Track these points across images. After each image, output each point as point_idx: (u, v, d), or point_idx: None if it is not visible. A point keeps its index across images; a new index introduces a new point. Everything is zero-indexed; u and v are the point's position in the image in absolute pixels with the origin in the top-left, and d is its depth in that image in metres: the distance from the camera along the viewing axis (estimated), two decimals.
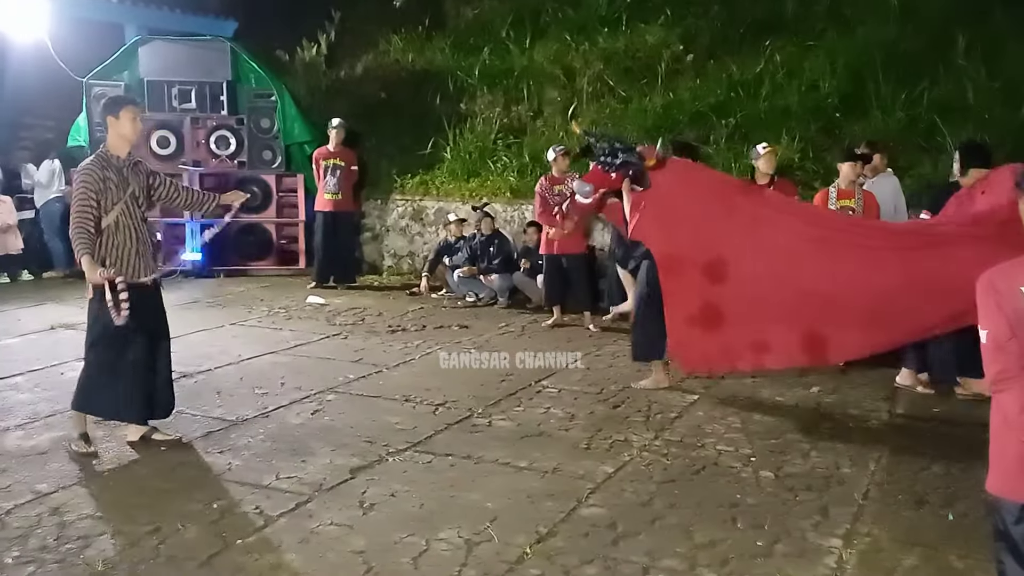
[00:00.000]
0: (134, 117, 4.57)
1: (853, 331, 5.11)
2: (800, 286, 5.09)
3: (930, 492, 4.19)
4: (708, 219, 5.33)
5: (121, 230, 4.50)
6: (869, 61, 9.31)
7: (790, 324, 5.15)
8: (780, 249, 5.17)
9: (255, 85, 10.76)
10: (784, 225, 5.28)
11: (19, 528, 3.68)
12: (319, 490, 4.13)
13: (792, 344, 5.21)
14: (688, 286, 5.33)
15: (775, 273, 5.13)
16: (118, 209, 4.47)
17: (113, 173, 4.48)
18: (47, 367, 6.26)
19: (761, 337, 5.24)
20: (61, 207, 10.35)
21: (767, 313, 5.17)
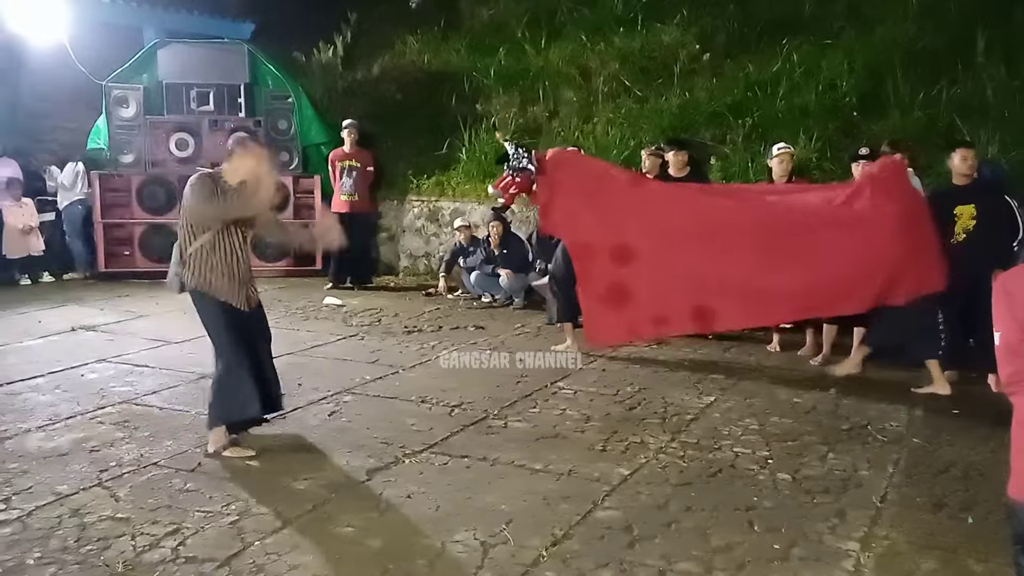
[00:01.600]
0: (259, 160, 4.63)
1: (736, 303, 5.96)
2: (689, 264, 5.93)
3: (949, 495, 4.16)
4: (606, 208, 6.12)
5: (216, 252, 4.52)
6: (888, 60, 9.25)
7: (683, 298, 6.01)
8: (671, 232, 6.00)
9: (272, 87, 10.83)
10: (672, 209, 6.12)
11: (40, 529, 3.73)
12: (336, 491, 4.15)
13: (685, 315, 6.10)
14: (597, 269, 6.16)
15: (668, 254, 5.97)
16: (215, 230, 4.50)
17: (219, 193, 4.51)
18: (68, 368, 6.32)
19: (660, 311, 6.11)
20: (83, 209, 10.49)
21: (664, 289, 6.02)
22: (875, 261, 5.67)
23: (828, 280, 5.79)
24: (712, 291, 5.95)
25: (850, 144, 8.62)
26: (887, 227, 5.66)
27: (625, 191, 6.25)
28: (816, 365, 6.60)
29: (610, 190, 6.24)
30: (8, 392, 5.76)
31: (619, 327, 6.28)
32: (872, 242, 5.67)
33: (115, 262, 10.44)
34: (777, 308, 6.07)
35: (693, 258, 5.94)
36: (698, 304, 6.03)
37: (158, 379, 6.08)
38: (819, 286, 5.82)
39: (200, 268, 4.52)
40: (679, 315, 6.12)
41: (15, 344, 7.11)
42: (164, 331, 7.56)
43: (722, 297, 5.96)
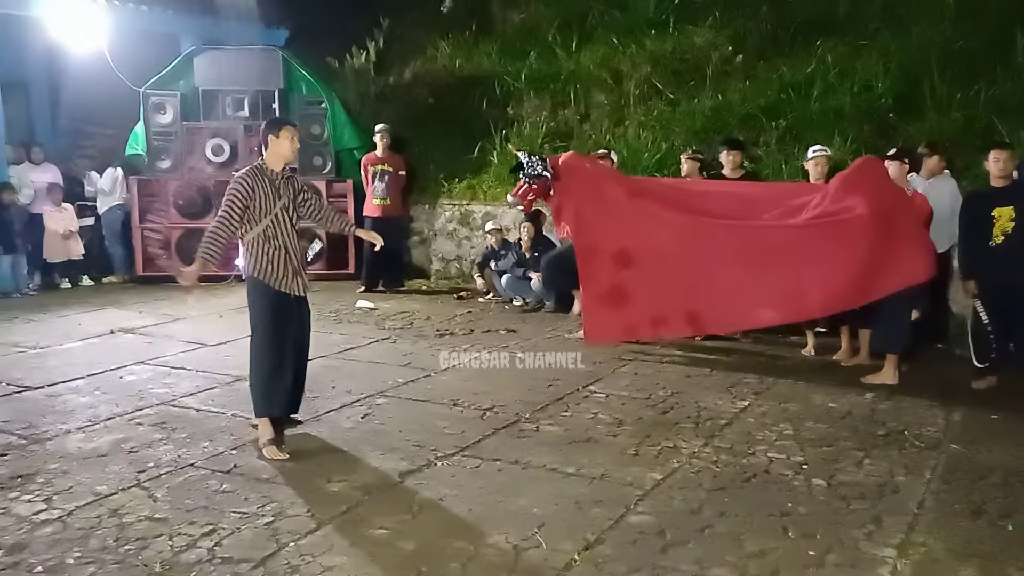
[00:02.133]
0: (292, 136, 4.85)
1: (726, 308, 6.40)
2: (684, 269, 6.37)
3: (988, 502, 4.10)
4: (611, 212, 6.57)
5: (270, 240, 4.71)
6: (924, 61, 9.11)
7: (678, 302, 6.43)
8: (668, 239, 6.44)
9: (306, 92, 10.94)
10: (671, 218, 6.48)
11: (80, 529, 3.80)
12: (369, 493, 4.18)
13: (680, 318, 6.51)
14: (600, 271, 6.62)
15: (667, 260, 6.42)
16: (268, 220, 4.69)
17: (266, 185, 4.71)
18: (107, 371, 6.43)
19: (657, 313, 6.54)
20: (122, 214, 10.66)
21: (661, 293, 6.43)
22: (856, 259, 5.96)
23: (814, 282, 6.11)
24: (704, 296, 6.40)
25: (886, 146, 8.51)
26: (863, 225, 5.94)
27: (629, 197, 6.65)
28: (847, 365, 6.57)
29: (615, 195, 6.68)
30: (49, 394, 5.87)
31: (617, 326, 6.75)
32: (852, 241, 5.95)
33: (153, 266, 10.60)
34: (765, 312, 6.40)
35: (688, 264, 6.40)
36: (691, 309, 6.49)
37: (195, 381, 6.16)
38: (806, 288, 6.15)
39: (257, 256, 4.70)
40: (674, 318, 6.57)
41: (56, 347, 7.25)
42: (200, 334, 7.66)
43: (714, 302, 6.41)
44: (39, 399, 5.76)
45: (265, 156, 4.84)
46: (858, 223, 5.94)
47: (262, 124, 5.03)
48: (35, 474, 4.42)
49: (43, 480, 4.35)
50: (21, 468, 4.51)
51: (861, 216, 5.94)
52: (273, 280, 4.73)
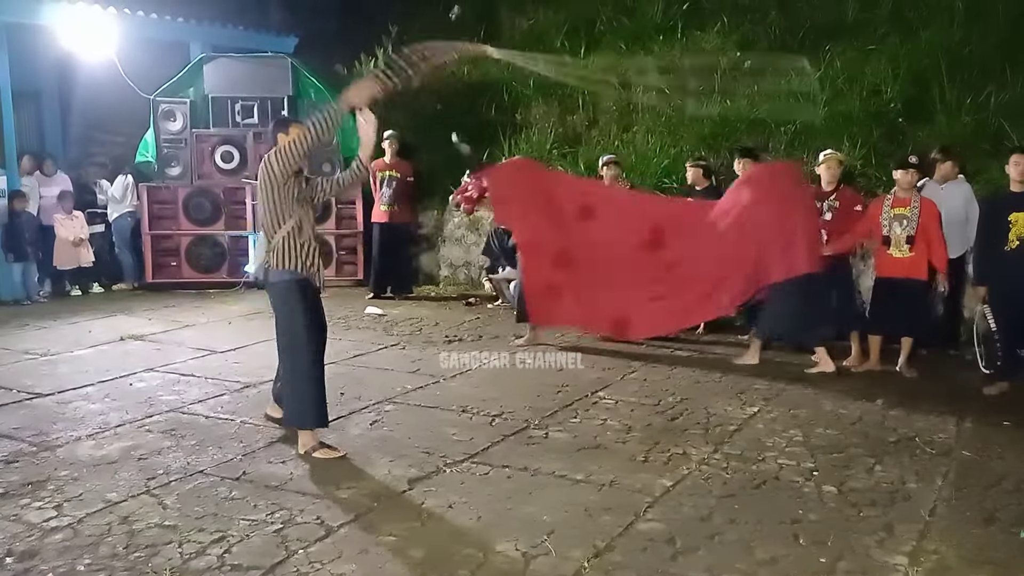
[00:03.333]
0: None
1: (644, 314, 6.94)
2: (611, 274, 6.89)
3: (1000, 509, 4.07)
4: (548, 216, 7.12)
5: (304, 232, 4.71)
6: (933, 65, 9.08)
7: (607, 308, 6.98)
8: (601, 243, 6.97)
9: (315, 99, 10.96)
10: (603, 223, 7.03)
11: (91, 536, 3.80)
12: (378, 500, 4.18)
13: (606, 322, 7.11)
14: (540, 266, 7.16)
15: (598, 262, 6.95)
16: (298, 213, 4.68)
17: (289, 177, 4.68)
18: (117, 378, 6.45)
19: (587, 314, 7.10)
20: (132, 221, 10.71)
21: (592, 298, 6.98)
22: (750, 252, 6.53)
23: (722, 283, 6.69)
24: (629, 305, 6.98)
25: (895, 151, 8.49)
26: (756, 218, 6.51)
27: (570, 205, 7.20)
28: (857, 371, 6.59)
29: (558, 201, 7.21)
30: (59, 401, 5.90)
31: (555, 315, 7.32)
32: (745, 236, 6.54)
33: (162, 273, 10.64)
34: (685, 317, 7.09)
35: (615, 274, 6.95)
36: (616, 316, 7.06)
37: (204, 388, 6.18)
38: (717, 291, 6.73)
39: (293, 249, 4.67)
40: (600, 321, 7.17)
41: (66, 353, 7.28)
42: (210, 341, 7.68)
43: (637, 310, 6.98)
44: (49, 406, 5.78)
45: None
46: (747, 217, 6.55)
47: (270, 124, 5.01)
48: (45, 481, 4.44)
49: (53, 487, 4.36)
50: (32, 475, 4.52)
51: (748, 209, 6.56)
52: (311, 273, 4.74)
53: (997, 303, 5.99)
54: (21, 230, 9.74)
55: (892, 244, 6.35)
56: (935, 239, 6.33)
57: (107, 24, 10.23)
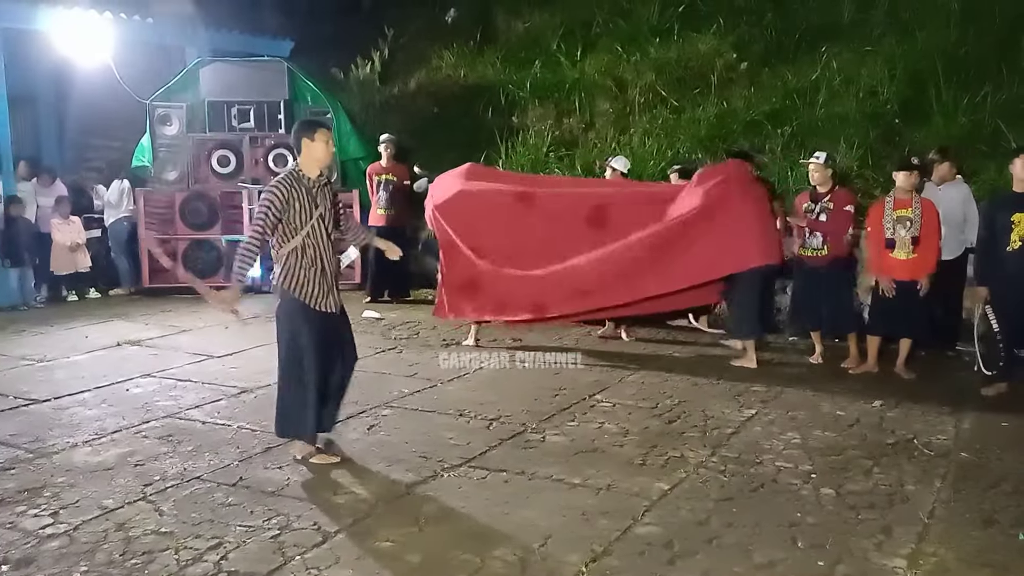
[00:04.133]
0: (328, 139, 4.58)
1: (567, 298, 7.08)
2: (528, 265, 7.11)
3: (999, 511, 4.07)
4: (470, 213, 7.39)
5: (306, 254, 4.52)
6: (929, 66, 9.10)
7: (522, 292, 7.14)
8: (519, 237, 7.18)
9: (311, 103, 10.96)
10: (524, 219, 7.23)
11: (87, 543, 3.79)
12: (375, 506, 4.17)
13: (522, 306, 7.22)
14: (458, 263, 7.43)
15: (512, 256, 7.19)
16: (305, 231, 4.48)
17: (303, 193, 4.47)
18: (114, 383, 6.43)
19: (502, 299, 7.29)
20: (129, 226, 10.67)
21: (510, 285, 7.19)
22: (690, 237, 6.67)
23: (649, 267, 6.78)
24: (549, 289, 7.10)
25: (892, 152, 8.51)
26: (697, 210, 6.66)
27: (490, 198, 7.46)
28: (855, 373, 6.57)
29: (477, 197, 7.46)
30: (56, 407, 5.88)
31: (466, 309, 7.53)
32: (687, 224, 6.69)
33: (159, 278, 10.62)
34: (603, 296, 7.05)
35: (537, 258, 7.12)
36: (536, 300, 7.18)
37: (201, 393, 6.16)
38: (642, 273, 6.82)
39: (293, 270, 4.54)
40: (518, 306, 7.27)
41: (62, 359, 7.26)
42: (206, 346, 7.67)
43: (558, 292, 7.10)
44: (46, 412, 5.77)
45: (300, 161, 4.59)
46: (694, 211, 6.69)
47: (294, 127, 4.78)
48: (42, 488, 4.42)
49: (50, 494, 4.34)
50: (28, 482, 4.50)
51: (697, 206, 6.68)
52: (307, 297, 4.55)
53: (999, 304, 5.99)
54: (18, 235, 9.72)
55: (896, 246, 6.33)
56: (932, 242, 6.32)
57: (103, 29, 10.23)
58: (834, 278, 6.76)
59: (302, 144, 4.57)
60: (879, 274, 6.47)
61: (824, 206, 6.69)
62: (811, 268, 6.84)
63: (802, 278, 7.04)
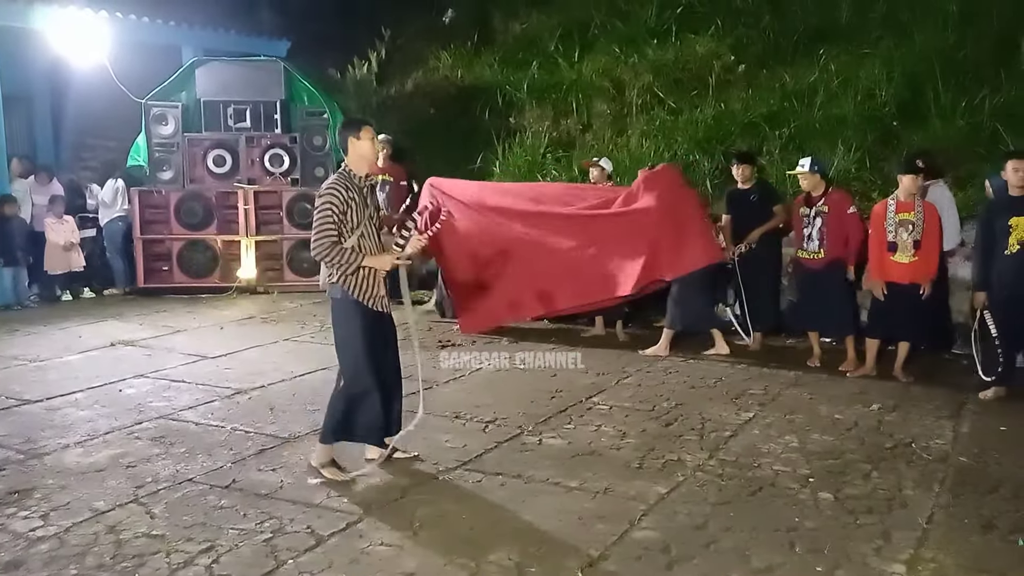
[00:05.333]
0: (373, 137, 4.51)
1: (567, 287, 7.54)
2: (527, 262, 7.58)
3: (999, 516, 4.04)
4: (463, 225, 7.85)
5: (363, 253, 4.40)
6: (927, 68, 9.07)
7: (527, 287, 7.60)
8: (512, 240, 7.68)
9: (308, 103, 10.91)
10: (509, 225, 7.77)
11: (77, 546, 3.75)
12: (370, 509, 4.13)
13: (531, 300, 7.65)
14: (461, 275, 7.93)
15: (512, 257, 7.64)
16: (360, 231, 4.37)
17: (356, 193, 4.38)
18: (107, 384, 6.39)
19: (512, 298, 7.71)
20: (124, 226, 10.61)
21: (512, 282, 7.63)
22: (648, 244, 7.15)
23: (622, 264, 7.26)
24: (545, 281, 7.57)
25: (890, 154, 8.49)
26: (649, 217, 7.18)
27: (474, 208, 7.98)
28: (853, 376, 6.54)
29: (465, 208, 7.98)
30: (48, 407, 5.83)
31: (483, 316, 7.91)
32: (639, 231, 7.19)
33: (154, 278, 10.56)
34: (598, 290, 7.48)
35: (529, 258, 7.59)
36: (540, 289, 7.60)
37: (194, 394, 6.12)
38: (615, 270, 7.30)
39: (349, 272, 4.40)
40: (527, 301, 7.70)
41: (55, 359, 7.21)
42: (201, 346, 7.62)
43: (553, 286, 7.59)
44: (38, 413, 5.72)
45: (348, 161, 4.48)
46: (647, 214, 7.20)
47: (338, 127, 4.64)
48: (32, 490, 4.38)
49: (40, 496, 4.30)
50: (18, 483, 4.47)
51: (650, 209, 7.19)
52: (367, 298, 4.44)
53: (997, 308, 5.97)
54: (11, 235, 9.65)
55: (898, 249, 6.30)
56: (933, 246, 6.29)
57: (99, 28, 10.17)
58: (831, 281, 6.74)
59: (348, 143, 4.47)
60: (878, 277, 6.43)
61: (819, 210, 6.67)
62: (808, 270, 6.82)
63: (799, 281, 7.02)
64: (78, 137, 12.55)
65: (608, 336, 7.85)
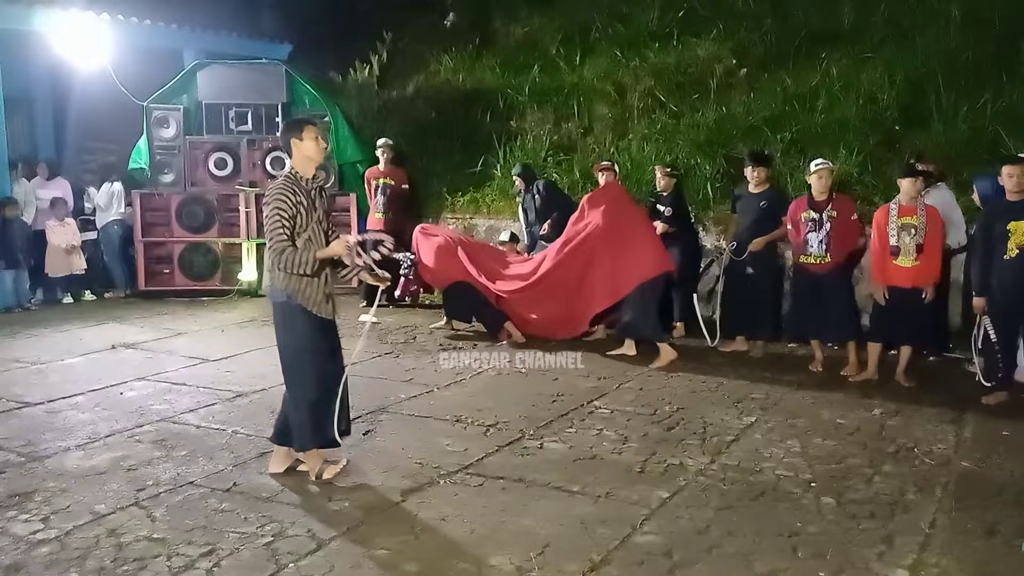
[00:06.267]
0: (316, 136, 4.41)
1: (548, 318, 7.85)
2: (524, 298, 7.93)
3: (1002, 521, 4.02)
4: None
5: (316, 247, 4.33)
6: (929, 72, 9.08)
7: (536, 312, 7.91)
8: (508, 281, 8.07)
9: (309, 107, 10.91)
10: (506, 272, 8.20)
11: (78, 549, 3.74)
12: (371, 513, 4.12)
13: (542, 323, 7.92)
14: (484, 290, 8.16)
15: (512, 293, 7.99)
16: (306, 236, 4.31)
17: (304, 196, 4.31)
18: (108, 387, 6.38)
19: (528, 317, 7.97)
20: (120, 229, 10.61)
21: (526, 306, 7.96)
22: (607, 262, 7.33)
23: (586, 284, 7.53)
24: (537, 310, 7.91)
25: (892, 158, 8.48)
26: (597, 233, 7.37)
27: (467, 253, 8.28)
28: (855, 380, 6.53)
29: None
30: (49, 410, 5.82)
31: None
32: (591, 246, 7.42)
33: (155, 280, 10.57)
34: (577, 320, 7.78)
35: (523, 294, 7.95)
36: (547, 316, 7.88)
37: (195, 397, 6.11)
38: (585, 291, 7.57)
39: (292, 277, 4.35)
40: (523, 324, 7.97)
41: (56, 362, 7.20)
42: (202, 349, 7.61)
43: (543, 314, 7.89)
44: (39, 415, 5.71)
45: (293, 163, 4.42)
46: (596, 231, 7.38)
47: (280, 128, 4.58)
48: (33, 492, 4.37)
49: (41, 499, 4.29)
50: (19, 486, 4.45)
51: (598, 226, 7.36)
52: (311, 303, 4.39)
53: (998, 312, 5.95)
54: (12, 237, 9.66)
55: (901, 253, 6.29)
56: (936, 250, 6.28)
57: (101, 31, 10.20)
58: (835, 285, 6.72)
59: (291, 146, 4.42)
60: (881, 281, 6.42)
61: (828, 215, 6.63)
62: (812, 275, 6.79)
63: (802, 285, 6.99)
64: (79, 140, 12.56)
65: (609, 339, 7.83)
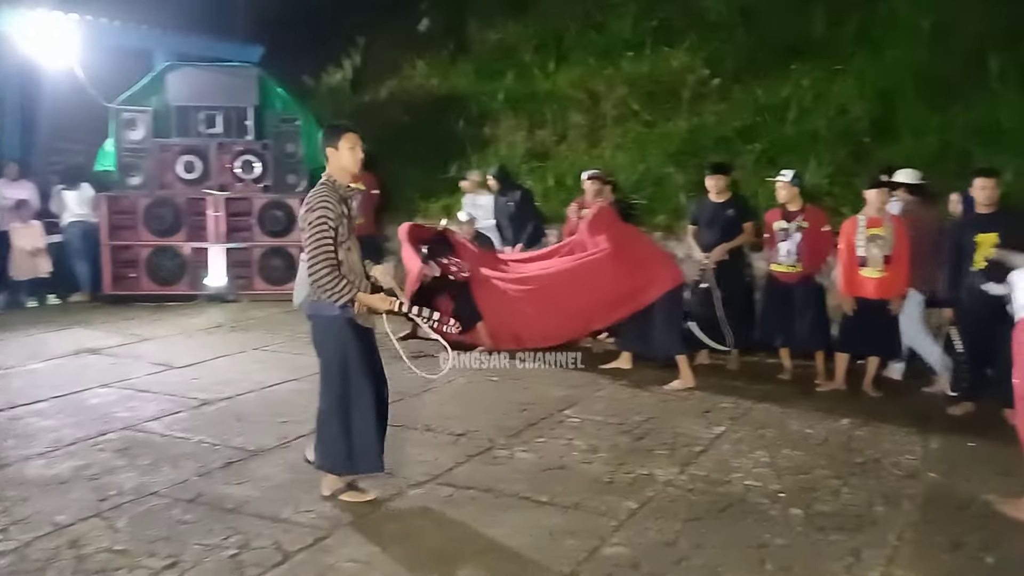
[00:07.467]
0: (354, 144, 4.23)
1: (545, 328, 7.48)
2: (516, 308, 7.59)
3: (968, 534, 4.05)
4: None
5: (350, 267, 4.19)
6: (900, 85, 9.19)
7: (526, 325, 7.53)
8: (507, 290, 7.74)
9: (280, 110, 10.83)
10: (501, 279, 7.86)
11: (37, 561, 3.66)
12: (338, 524, 4.07)
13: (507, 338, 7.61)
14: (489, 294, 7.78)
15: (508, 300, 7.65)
16: (346, 246, 4.16)
17: (344, 205, 4.17)
18: (72, 393, 6.26)
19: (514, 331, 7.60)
20: (82, 228, 10.37)
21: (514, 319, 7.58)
22: (615, 281, 7.13)
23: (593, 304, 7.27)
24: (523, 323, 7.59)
25: (861, 169, 8.55)
26: (610, 255, 7.21)
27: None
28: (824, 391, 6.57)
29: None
30: (11, 417, 5.71)
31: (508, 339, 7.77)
32: (605, 269, 7.21)
33: (121, 284, 10.40)
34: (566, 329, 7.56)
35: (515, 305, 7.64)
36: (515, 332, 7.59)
37: (160, 405, 6.01)
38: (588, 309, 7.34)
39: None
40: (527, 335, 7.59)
41: (19, 367, 7.06)
42: (168, 355, 7.50)
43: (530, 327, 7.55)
44: (1, 422, 5.59)
45: (329, 170, 4.24)
46: (607, 255, 7.24)
47: (319, 134, 4.42)
48: None
49: (1, 509, 4.20)
50: None
51: (607, 250, 7.26)
52: (356, 313, 4.26)
53: (965, 323, 6.02)
54: None
55: (868, 264, 6.35)
56: (903, 260, 6.34)
57: (69, 31, 10.02)
58: (805, 295, 6.77)
59: (328, 154, 4.25)
60: (848, 293, 6.47)
61: (799, 225, 6.69)
62: (782, 285, 6.83)
63: (772, 295, 7.03)
64: (47, 140, 12.31)
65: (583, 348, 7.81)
